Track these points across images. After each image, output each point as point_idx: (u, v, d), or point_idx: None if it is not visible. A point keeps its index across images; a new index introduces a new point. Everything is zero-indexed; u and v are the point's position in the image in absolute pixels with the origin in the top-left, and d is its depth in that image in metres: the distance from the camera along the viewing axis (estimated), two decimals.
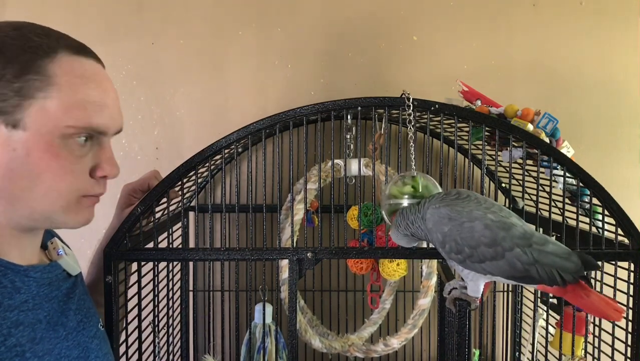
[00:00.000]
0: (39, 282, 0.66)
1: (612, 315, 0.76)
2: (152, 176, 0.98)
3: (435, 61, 1.49)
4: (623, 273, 0.97)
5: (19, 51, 0.58)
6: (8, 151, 0.59)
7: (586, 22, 1.49)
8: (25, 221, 0.64)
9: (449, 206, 0.79)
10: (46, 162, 0.61)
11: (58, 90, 0.60)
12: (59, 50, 0.61)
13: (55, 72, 0.60)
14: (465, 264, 0.79)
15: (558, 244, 0.77)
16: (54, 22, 0.67)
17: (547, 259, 0.74)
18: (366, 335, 1.41)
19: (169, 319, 1.14)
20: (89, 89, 0.63)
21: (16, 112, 0.58)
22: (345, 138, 1.20)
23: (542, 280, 0.75)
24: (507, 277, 0.77)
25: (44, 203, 0.62)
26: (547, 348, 1.11)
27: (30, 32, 0.60)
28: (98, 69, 0.66)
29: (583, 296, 0.77)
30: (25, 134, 0.59)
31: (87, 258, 0.95)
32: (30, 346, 0.60)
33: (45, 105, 0.59)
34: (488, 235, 0.75)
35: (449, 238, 0.78)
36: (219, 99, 1.49)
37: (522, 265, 0.74)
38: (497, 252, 0.75)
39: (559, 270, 0.74)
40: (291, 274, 0.97)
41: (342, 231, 1.42)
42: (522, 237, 0.75)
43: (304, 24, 1.48)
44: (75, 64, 0.62)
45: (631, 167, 1.52)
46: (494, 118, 1.00)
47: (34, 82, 0.59)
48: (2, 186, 0.60)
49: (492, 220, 0.76)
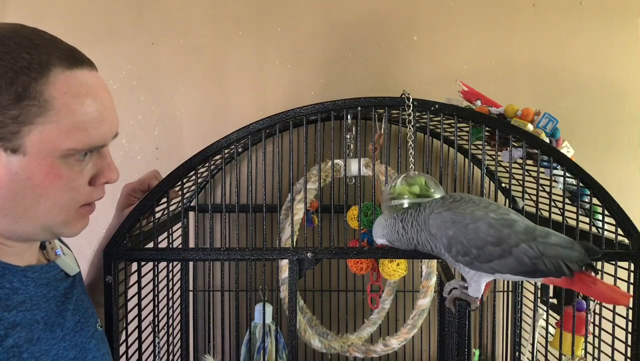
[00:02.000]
0: (37, 282, 0.67)
1: (620, 299, 0.77)
2: (152, 176, 0.98)
3: (435, 61, 1.49)
4: (623, 273, 0.97)
5: (11, 74, 0.55)
6: (10, 175, 0.58)
7: (586, 22, 1.49)
8: (27, 234, 0.65)
9: (451, 210, 0.79)
10: (48, 183, 0.61)
11: (56, 114, 0.59)
12: (51, 67, 0.58)
13: (51, 94, 0.58)
14: (472, 265, 0.80)
15: (560, 235, 0.77)
16: (54, 22, 0.67)
17: (552, 250, 0.75)
18: (366, 335, 1.41)
19: (169, 319, 1.14)
20: (87, 106, 0.61)
21: (15, 139, 0.57)
22: (345, 138, 1.20)
23: (550, 272, 0.75)
24: (516, 273, 0.78)
25: (46, 218, 0.63)
26: (547, 348, 1.11)
27: (18, 47, 0.57)
28: (93, 79, 0.63)
29: (590, 285, 0.78)
30: (26, 159, 0.58)
31: (86, 258, 0.95)
32: (27, 347, 0.60)
33: (44, 130, 0.58)
34: (493, 234, 0.76)
35: (454, 240, 0.78)
36: (219, 99, 1.49)
37: (530, 260, 0.75)
38: (504, 250, 0.76)
39: (565, 260, 0.75)
40: (291, 274, 0.97)
41: (342, 231, 1.42)
42: (526, 232, 0.76)
43: (304, 24, 1.48)
44: (70, 80, 0.60)
45: (631, 167, 1.52)
46: (494, 118, 1.00)
47: (31, 108, 0.57)
48: (5, 206, 0.60)
49: (495, 218, 0.77)
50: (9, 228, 0.63)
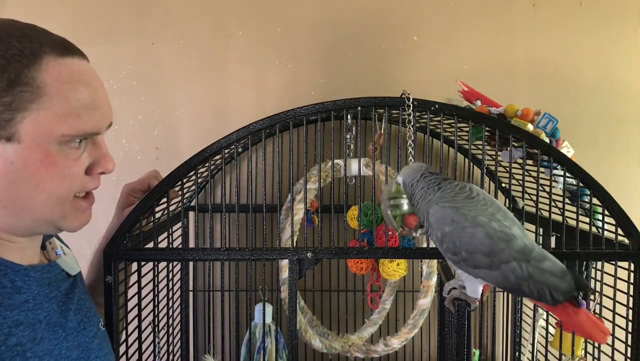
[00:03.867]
0: (39, 282, 0.67)
1: (597, 336, 0.76)
2: (152, 176, 0.98)
3: (435, 61, 1.49)
4: (623, 273, 0.97)
5: (3, 62, 0.56)
6: (5, 164, 0.59)
7: (586, 22, 1.49)
8: (28, 228, 0.65)
9: (455, 208, 0.78)
10: (44, 171, 0.61)
11: (49, 99, 0.59)
12: (43, 55, 0.59)
13: (44, 80, 0.59)
14: (459, 265, 0.79)
15: (555, 262, 0.76)
16: (54, 22, 0.67)
17: (542, 276, 0.73)
18: (366, 335, 1.41)
19: (169, 319, 1.14)
20: (80, 92, 0.62)
21: (9, 126, 0.57)
22: (345, 138, 1.20)
23: (532, 296, 0.74)
24: (499, 287, 0.77)
25: (45, 210, 0.63)
26: (547, 348, 1.11)
27: (9, 36, 0.58)
28: (84, 67, 0.64)
29: (571, 315, 0.76)
30: (21, 146, 0.59)
31: (86, 258, 0.95)
32: (30, 346, 0.60)
33: (38, 116, 0.59)
34: (487, 244, 0.74)
35: (448, 238, 0.78)
36: (219, 99, 1.49)
37: (516, 279, 0.74)
38: (493, 262, 0.75)
39: (551, 288, 0.73)
40: (291, 274, 0.97)
41: (342, 231, 1.42)
42: (522, 251, 0.74)
43: (304, 24, 1.48)
44: (62, 67, 0.61)
45: (631, 167, 1.51)
46: (494, 118, 1.00)
47: (24, 94, 0.57)
48: (3, 197, 0.60)
49: (495, 230, 0.75)
50: (10, 222, 0.63)
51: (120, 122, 1.48)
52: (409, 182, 0.86)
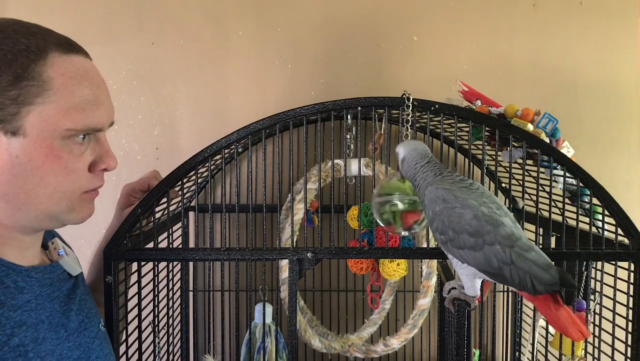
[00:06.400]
0: (41, 283, 0.67)
1: (573, 334, 0.77)
2: (152, 176, 0.98)
3: (435, 61, 1.49)
4: (623, 273, 0.97)
5: (10, 57, 0.57)
6: (10, 158, 0.59)
7: (586, 22, 1.49)
8: (31, 223, 0.65)
9: (448, 190, 0.80)
10: (49, 165, 0.61)
11: (55, 94, 0.60)
12: (49, 51, 0.60)
13: (50, 75, 0.60)
14: (446, 246, 0.81)
15: (541, 254, 0.77)
16: (54, 22, 0.67)
17: (525, 264, 0.74)
18: (366, 335, 1.41)
19: (169, 319, 1.14)
20: (84, 88, 0.63)
21: (15, 120, 0.58)
22: (345, 138, 1.20)
23: (513, 283, 0.75)
24: (482, 270, 0.78)
25: (49, 204, 0.63)
26: (547, 348, 1.11)
27: (16, 33, 0.59)
28: (88, 65, 0.66)
29: (552, 309, 0.77)
30: (26, 140, 0.59)
31: (87, 258, 0.95)
32: (33, 346, 0.60)
33: (43, 110, 0.59)
34: (474, 225, 0.76)
35: (437, 217, 0.80)
36: (219, 99, 1.49)
37: (498, 262, 0.75)
38: (477, 243, 0.76)
39: (533, 278, 0.74)
40: (291, 274, 0.97)
41: (342, 231, 1.42)
42: (507, 237, 0.76)
43: (304, 24, 1.48)
44: (67, 63, 0.62)
45: (631, 167, 1.52)
46: (494, 118, 1.00)
47: (30, 88, 0.58)
48: (8, 192, 0.61)
49: (484, 213, 0.77)
50: (14, 216, 0.63)
51: (120, 122, 1.48)
52: (412, 164, 0.88)
